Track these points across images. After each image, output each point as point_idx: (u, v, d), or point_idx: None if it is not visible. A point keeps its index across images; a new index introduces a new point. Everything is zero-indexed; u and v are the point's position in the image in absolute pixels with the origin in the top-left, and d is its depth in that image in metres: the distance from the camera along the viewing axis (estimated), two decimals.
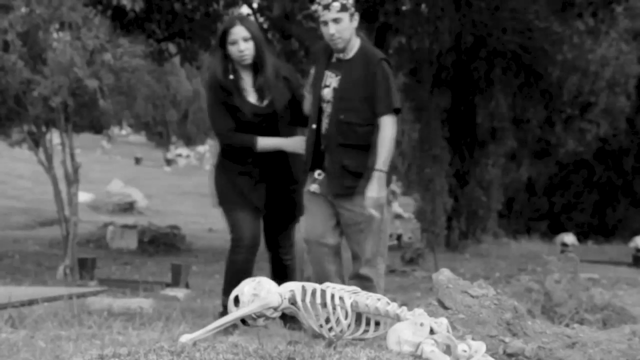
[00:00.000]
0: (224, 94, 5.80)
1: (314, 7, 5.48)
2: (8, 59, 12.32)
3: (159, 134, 56.94)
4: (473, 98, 25.06)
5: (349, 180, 5.47)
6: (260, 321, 3.04)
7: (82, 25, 12.85)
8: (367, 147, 5.50)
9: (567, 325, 5.05)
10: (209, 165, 49.00)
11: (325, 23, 5.36)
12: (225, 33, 5.77)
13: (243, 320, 3.04)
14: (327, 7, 5.34)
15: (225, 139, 5.90)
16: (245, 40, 5.70)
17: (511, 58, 23.32)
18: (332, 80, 5.50)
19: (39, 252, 17.84)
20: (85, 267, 13.22)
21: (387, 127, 5.40)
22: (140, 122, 57.49)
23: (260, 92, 5.81)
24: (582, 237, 30.46)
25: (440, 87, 24.41)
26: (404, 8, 17.47)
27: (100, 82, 12.57)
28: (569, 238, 27.40)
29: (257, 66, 5.79)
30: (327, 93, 5.51)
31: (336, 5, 5.32)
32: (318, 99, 5.55)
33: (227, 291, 5.63)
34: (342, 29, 5.35)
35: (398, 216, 35.15)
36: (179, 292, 10.98)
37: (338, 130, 5.46)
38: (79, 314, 6.25)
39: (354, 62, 5.47)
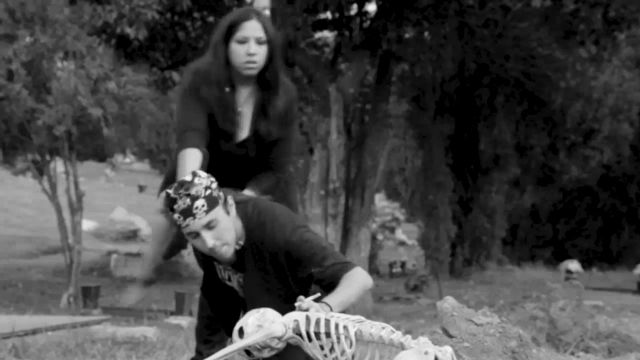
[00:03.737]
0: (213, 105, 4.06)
1: (174, 216, 3.33)
2: (12, 88, 12.37)
3: (162, 162, 56.77)
4: (476, 125, 25.13)
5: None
6: (265, 352, 3.02)
7: (86, 54, 12.91)
8: None
9: (572, 354, 5.03)
10: None
11: (196, 235, 3.36)
12: (233, 27, 4.00)
13: (247, 351, 3.03)
14: (188, 213, 3.30)
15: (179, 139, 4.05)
16: (259, 42, 3.99)
17: (514, 85, 23.38)
18: (229, 272, 3.68)
19: (43, 281, 17.82)
20: (89, 296, 13.23)
21: (356, 274, 3.36)
22: (144, 150, 57.38)
23: (258, 118, 4.10)
24: (586, 264, 30.39)
25: (444, 114, 24.48)
26: (406, 36, 17.50)
27: (104, 110, 12.62)
28: (573, 265, 27.31)
29: (262, 82, 4.08)
30: (232, 285, 3.72)
31: (200, 204, 3.30)
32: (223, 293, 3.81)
33: None
34: (222, 231, 3.39)
35: (402, 243, 35.11)
36: (183, 320, 10.97)
37: None
38: (82, 343, 6.24)
39: (249, 255, 3.55)
